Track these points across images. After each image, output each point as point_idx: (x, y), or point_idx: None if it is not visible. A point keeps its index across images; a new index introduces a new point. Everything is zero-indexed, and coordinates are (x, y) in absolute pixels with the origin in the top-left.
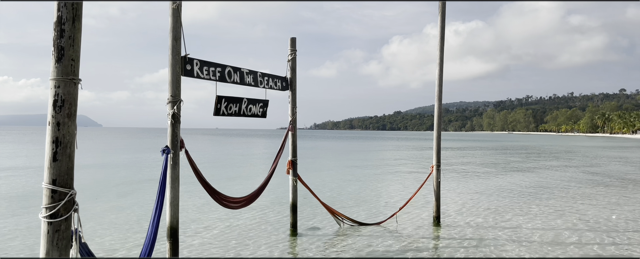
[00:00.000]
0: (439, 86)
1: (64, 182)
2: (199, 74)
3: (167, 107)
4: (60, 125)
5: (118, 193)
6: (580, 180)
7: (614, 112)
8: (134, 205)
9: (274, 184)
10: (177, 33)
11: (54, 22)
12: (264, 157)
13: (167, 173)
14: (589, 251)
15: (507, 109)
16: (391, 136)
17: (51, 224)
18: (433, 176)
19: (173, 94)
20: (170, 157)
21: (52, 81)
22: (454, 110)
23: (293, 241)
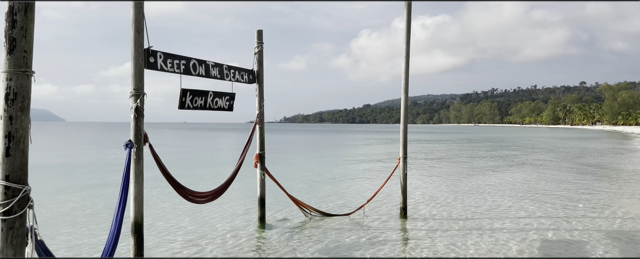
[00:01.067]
0: (405, 80)
1: (17, 179)
2: (163, 67)
3: (130, 101)
4: (13, 119)
5: (80, 189)
6: (543, 170)
7: (575, 105)
8: (97, 201)
9: (242, 178)
10: (139, 25)
11: (5, 12)
12: (232, 151)
13: (130, 168)
14: (554, 239)
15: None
16: (360, 129)
17: (5, 221)
18: (400, 168)
19: (136, 87)
20: (133, 152)
21: (3, 74)
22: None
23: (261, 234)
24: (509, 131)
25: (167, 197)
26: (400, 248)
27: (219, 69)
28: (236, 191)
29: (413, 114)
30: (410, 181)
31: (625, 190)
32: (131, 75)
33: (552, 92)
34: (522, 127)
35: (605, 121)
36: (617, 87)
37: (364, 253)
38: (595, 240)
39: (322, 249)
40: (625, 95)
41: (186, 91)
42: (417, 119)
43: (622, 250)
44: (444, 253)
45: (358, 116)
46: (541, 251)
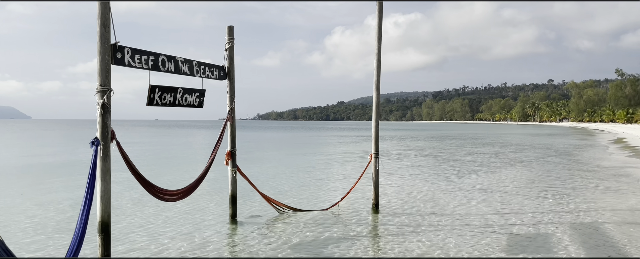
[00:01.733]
0: (377, 77)
1: None
2: (131, 63)
3: (96, 98)
4: None
5: (45, 188)
6: (513, 166)
7: (543, 102)
8: (63, 200)
9: (213, 176)
10: (105, 19)
11: None
12: (203, 149)
13: (96, 166)
14: (521, 234)
15: (445, 99)
16: (334, 126)
17: None
18: (372, 165)
19: (102, 83)
20: (100, 150)
21: None
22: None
23: (232, 232)
24: (479, 128)
25: (136, 195)
26: (371, 244)
27: (188, 65)
28: (207, 188)
29: (386, 111)
30: (383, 177)
31: (590, 184)
32: (97, 71)
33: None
34: (492, 124)
35: (571, 117)
36: (582, 85)
37: (335, 249)
38: (562, 233)
39: (293, 245)
40: (591, 93)
41: (155, 87)
42: (390, 117)
43: (588, 243)
44: (414, 247)
45: (332, 113)
46: (509, 245)
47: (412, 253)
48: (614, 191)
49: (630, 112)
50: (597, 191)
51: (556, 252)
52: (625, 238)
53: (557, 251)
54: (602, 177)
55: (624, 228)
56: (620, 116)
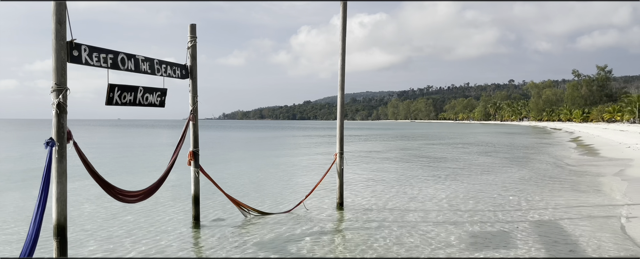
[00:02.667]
0: (341, 77)
1: None
2: (88, 61)
3: (51, 97)
4: None
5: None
6: (477, 164)
7: (504, 101)
8: (17, 202)
9: (177, 176)
10: (61, 16)
11: None
12: (166, 149)
13: (51, 167)
14: (484, 230)
15: (410, 98)
16: (301, 126)
17: None
18: (336, 164)
19: (58, 82)
20: (55, 151)
21: None
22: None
23: (195, 234)
24: (443, 127)
25: (95, 197)
26: (335, 242)
27: (149, 63)
28: (169, 189)
29: (352, 110)
30: (347, 176)
31: (547, 181)
32: (52, 69)
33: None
34: (455, 124)
35: (531, 117)
36: (541, 85)
37: (299, 249)
38: (522, 230)
39: (257, 247)
40: (549, 92)
41: (114, 86)
42: (357, 116)
43: (546, 239)
44: (378, 244)
45: (298, 113)
46: (470, 241)
47: (376, 250)
48: (570, 189)
49: (586, 111)
50: (554, 188)
51: (516, 247)
52: (581, 235)
53: (517, 246)
54: (559, 174)
55: (580, 224)
56: (576, 115)
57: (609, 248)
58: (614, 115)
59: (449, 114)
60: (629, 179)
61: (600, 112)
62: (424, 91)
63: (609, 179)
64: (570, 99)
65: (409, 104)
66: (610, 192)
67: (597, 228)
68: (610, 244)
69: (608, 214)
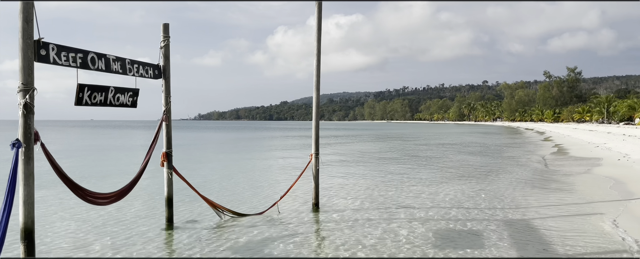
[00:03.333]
0: (316, 77)
1: None
2: (56, 60)
3: (18, 97)
4: None
5: None
6: (449, 163)
7: (478, 102)
8: None
9: (150, 178)
10: (28, 14)
11: None
12: (139, 150)
13: (17, 169)
14: (456, 228)
15: (386, 99)
16: (277, 126)
17: None
18: (312, 164)
19: (25, 81)
20: (21, 152)
21: None
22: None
23: (169, 236)
24: (419, 127)
25: (64, 200)
26: (311, 243)
27: (120, 63)
28: (142, 191)
29: (329, 111)
30: (323, 176)
31: (519, 180)
32: (19, 69)
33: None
34: (431, 124)
35: (504, 117)
36: (514, 86)
37: (274, 250)
38: (494, 228)
39: (231, 248)
40: (521, 93)
41: (84, 86)
42: (334, 116)
43: (518, 237)
44: (352, 244)
45: (275, 113)
46: (443, 240)
47: (351, 251)
48: (540, 187)
49: (557, 112)
50: (525, 187)
51: (488, 245)
52: (551, 233)
53: (489, 244)
54: (529, 174)
55: (550, 222)
56: (548, 115)
57: (580, 245)
58: (584, 115)
59: (425, 115)
60: (597, 177)
61: (570, 112)
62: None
63: (577, 178)
64: (541, 100)
65: (385, 104)
66: (579, 190)
67: (567, 225)
68: (581, 241)
69: (577, 212)
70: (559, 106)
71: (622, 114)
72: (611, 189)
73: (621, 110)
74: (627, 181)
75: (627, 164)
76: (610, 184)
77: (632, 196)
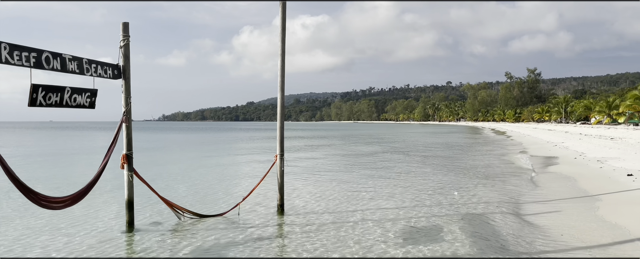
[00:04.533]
0: (281, 78)
1: None
2: (9, 60)
3: None
4: None
5: None
6: (413, 163)
7: (442, 103)
8: None
9: (109, 180)
10: None
11: None
12: (99, 152)
13: None
14: (420, 227)
15: (353, 99)
16: (243, 127)
17: None
18: (276, 165)
19: None
20: None
21: None
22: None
23: (129, 240)
24: (385, 128)
25: (16, 204)
26: (274, 244)
27: (77, 62)
28: (101, 194)
29: (296, 111)
30: (288, 177)
31: (480, 178)
32: None
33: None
34: (396, 124)
35: (467, 117)
36: (477, 86)
37: (237, 252)
38: (456, 226)
39: (193, 251)
40: (484, 94)
41: (38, 87)
42: (300, 117)
43: (479, 234)
44: (316, 246)
45: (242, 114)
46: (406, 238)
47: (315, 252)
48: (500, 186)
49: (518, 112)
50: (487, 185)
51: (449, 243)
52: (510, 229)
53: (451, 242)
54: (488, 172)
55: (509, 219)
56: (509, 115)
57: (537, 241)
58: (543, 115)
59: (391, 115)
60: (554, 175)
61: (530, 112)
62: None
63: (536, 176)
64: (503, 100)
65: (351, 105)
66: (537, 188)
67: (525, 221)
68: (538, 236)
69: (535, 209)
70: (520, 106)
71: (578, 114)
72: (567, 187)
73: (578, 110)
74: (582, 179)
75: (583, 162)
76: (567, 181)
77: (586, 193)
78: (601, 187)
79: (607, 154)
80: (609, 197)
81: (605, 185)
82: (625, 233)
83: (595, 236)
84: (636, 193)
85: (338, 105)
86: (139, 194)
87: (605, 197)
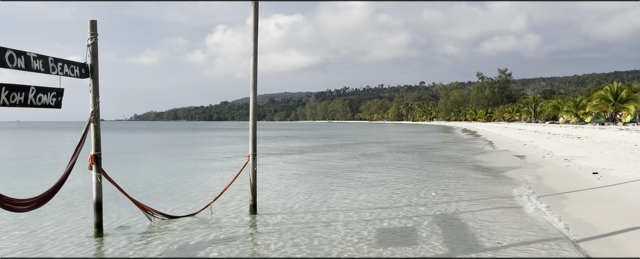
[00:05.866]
0: (253, 77)
1: None
2: None
3: None
4: None
5: None
6: (386, 163)
7: (416, 102)
8: None
9: (78, 181)
10: None
11: None
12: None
13: None
14: (393, 227)
15: (327, 99)
16: (216, 127)
17: None
18: (249, 165)
19: None
20: None
21: None
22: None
23: (98, 243)
24: (359, 127)
25: None
26: (246, 245)
27: (43, 61)
28: (68, 196)
29: (271, 111)
30: (262, 177)
31: (452, 178)
32: None
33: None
34: (370, 124)
35: (440, 117)
36: (449, 87)
37: (208, 253)
38: (428, 225)
39: (164, 252)
40: (456, 94)
41: (1, 86)
42: (275, 116)
43: (452, 233)
44: (289, 245)
45: (215, 113)
46: (379, 239)
47: (288, 252)
48: (472, 184)
49: (489, 111)
50: (457, 183)
51: (423, 243)
52: (484, 229)
53: (425, 242)
54: (460, 171)
55: (479, 216)
56: (481, 115)
57: (506, 237)
58: (514, 115)
59: (365, 115)
60: (523, 173)
61: (501, 112)
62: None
63: (506, 174)
64: (475, 100)
65: (326, 104)
66: (507, 186)
67: (495, 219)
68: (508, 233)
69: (503, 205)
70: (491, 106)
71: (547, 114)
72: (535, 185)
73: (547, 110)
74: (550, 177)
75: (551, 161)
76: (535, 179)
77: (553, 191)
78: (567, 185)
79: (574, 153)
80: (575, 195)
81: (571, 183)
82: (592, 229)
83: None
84: (601, 191)
85: (313, 105)
86: (108, 195)
87: (571, 195)
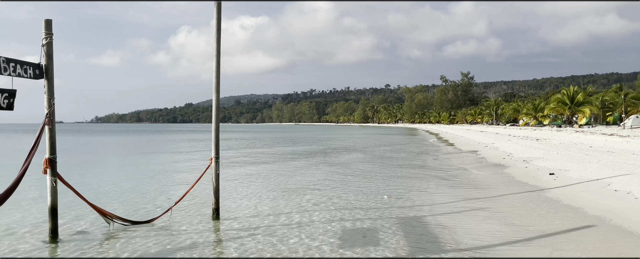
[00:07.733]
0: (216, 79)
1: None
2: None
3: None
4: None
5: None
6: (352, 165)
7: (381, 105)
8: None
9: (32, 186)
10: None
11: None
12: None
13: None
14: (355, 229)
15: (294, 101)
16: (180, 129)
17: None
18: (211, 169)
19: None
20: None
21: None
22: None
23: (53, 249)
24: (325, 129)
25: None
26: (208, 250)
27: None
28: (21, 201)
29: (237, 113)
30: (225, 181)
31: (412, 178)
32: None
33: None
34: (337, 126)
35: (405, 119)
36: (414, 89)
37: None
38: (389, 227)
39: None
40: (421, 97)
41: None
42: (241, 119)
43: (412, 236)
44: (253, 251)
45: (180, 115)
46: (341, 241)
47: (251, 257)
48: (435, 186)
49: (453, 114)
50: (421, 185)
51: (384, 243)
52: (444, 231)
53: (384, 241)
54: (423, 172)
55: (440, 219)
56: (444, 117)
57: (467, 238)
58: (476, 117)
59: (331, 117)
60: (482, 175)
61: (464, 114)
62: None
63: (467, 176)
64: (439, 103)
65: (293, 107)
66: (468, 187)
67: (456, 219)
68: (469, 233)
69: (465, 206)
70: (454, 108)
71: (508, 116)
72: (494, 185)
73: (508, 112)
74: (509, 178)
75: (511, 162)
76: (495, 180)
77: (511, 191)
78: (525, 186)
79: (532, 154)
80: (531, 195)
81: (529, 183)
82: (535, 230)
83: (518, 231)
84: (556, 191)
85: (279, 107)
86: (64, 200)
87: (528, 195)
